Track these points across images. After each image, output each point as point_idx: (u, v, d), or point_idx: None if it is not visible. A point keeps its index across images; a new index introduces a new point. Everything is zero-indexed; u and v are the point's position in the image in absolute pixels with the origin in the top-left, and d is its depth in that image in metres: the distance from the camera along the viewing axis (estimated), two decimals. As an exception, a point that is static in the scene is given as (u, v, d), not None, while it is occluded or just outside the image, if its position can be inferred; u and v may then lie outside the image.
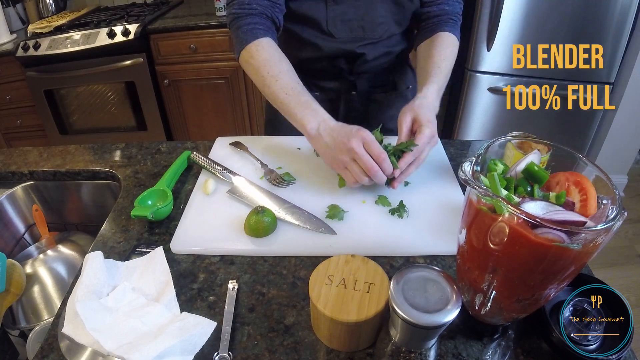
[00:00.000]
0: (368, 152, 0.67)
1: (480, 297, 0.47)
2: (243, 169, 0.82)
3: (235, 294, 0.57)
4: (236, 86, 2.17)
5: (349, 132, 0.68)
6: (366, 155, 0.66)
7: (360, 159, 0.66)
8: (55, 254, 0.83)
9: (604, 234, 0.37)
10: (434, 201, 0.72)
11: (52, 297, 0.77)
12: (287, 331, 0.53)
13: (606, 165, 0.44)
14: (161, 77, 2.13)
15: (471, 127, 2.00)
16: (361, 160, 0.66)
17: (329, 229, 0.66)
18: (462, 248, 0.46)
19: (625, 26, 1.66)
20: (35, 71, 2.03)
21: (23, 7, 2.33)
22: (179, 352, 0.49)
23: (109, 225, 0.72)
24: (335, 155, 0.69)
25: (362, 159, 0.66)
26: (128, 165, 0.87)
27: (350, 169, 0.69)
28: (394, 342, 0.44)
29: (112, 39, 1.95)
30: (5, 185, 0.89)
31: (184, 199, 0.76)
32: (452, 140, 0.92)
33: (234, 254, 0.64)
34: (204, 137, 2.27)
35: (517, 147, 0.61)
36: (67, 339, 0.51)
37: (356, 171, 0.68)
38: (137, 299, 0.56)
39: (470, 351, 0.50)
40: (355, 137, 0.67)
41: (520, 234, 0.37)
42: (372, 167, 0.66)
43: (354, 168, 0.68)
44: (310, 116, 0.72)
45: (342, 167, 0.70)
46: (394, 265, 0.62)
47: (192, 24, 2.01)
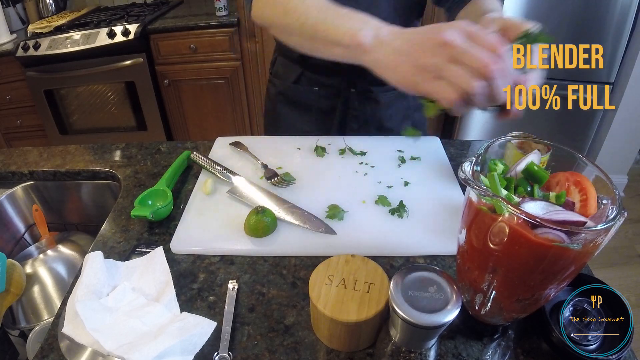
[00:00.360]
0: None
1: (480, 297, 0.47)
2: (243, 169, 0.82)
3: (235, 294, 0.57)
4: (236, 86, 2.17)
5: (434, 27, 0.46)
6: (476, 46, 0.43)
7: (466, 52, 0.43)
8: (55, 254, 0.83)
9: (604, 234, 0.37)
10: (434, 201, 0.72)
11: (52, 297, 0.77)
12: (287, 331, 0.53)
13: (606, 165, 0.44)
14: (161, 77, 2.13)
15: (471, 127, 2.00)
16: (469, 54, 0.42)
17: (329, 229, 0.66)
18: (462, 248, 0.46)
19: (625, 26, 1.66)
20: (35, 71, 2.03)
21: (23, 7, 2.33)
22: (179, 352, 0.49)
23: (109, 225, 0.72)
24: (418, 59, 0.46)
25: (471, 51, 0.42)
26: (128, 165, 0.87)
27: (450, 75, 0.43)
28: (394, 342, 0.44)
29: (112, 39, 1.95)
30: (5, 185, 0.89)
31: (184, 199, 0.76)
32: (452, 140, 0.92)
33: (234, 254, 0.64)
34: (204, 137, 2.27)
35: (517, 147, 0.61)
36: (67, 339, 0.51)
37: (461, 75, 0.42)
38: (137, 299, 0.56)
39: (470, 351, 0.50)
40: (450, 27, 0.44)
41: (520, 234, 0.37)
42: (489, 61, 0.41)
43: (457, 71, 0.43)
44: (359, 24, 0.52)
45: (433, 77, 0.45)
46: (394, 265, 0.62)
47: (192, 24, 2.01)
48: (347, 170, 0.81)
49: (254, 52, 2.08)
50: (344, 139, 0.89)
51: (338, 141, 0.88)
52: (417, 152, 0.85)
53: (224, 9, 2.04)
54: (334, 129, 0.97)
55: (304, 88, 0.96)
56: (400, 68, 0.47)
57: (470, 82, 0.42)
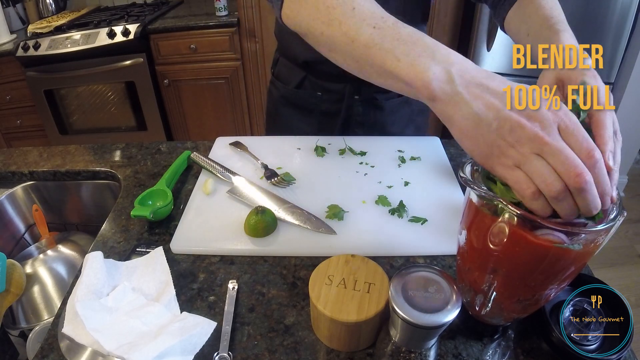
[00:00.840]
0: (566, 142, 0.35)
1: (480, 298, 0.47)
2: (243, 169, 0.82)
3: (235, 294, 0.57)
4: (236, 86, 2.17)
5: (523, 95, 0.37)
6: (567, 149, 0.35)
7: (558, 152, 0.35)
8: (55, 254, 0.83)
9: (604, 234, 0.37)
10: (434, 201, 0.72)
11: (52, 297, 0.77)
12: (287, 331, 0.53)
13: (606, 165, 0.44)
14: (161, 77, 2.13)
15: (471, 127, 2.00)
16: (560, 156, 0.35)
17: (329, 229, 0.66)
18: (462, 249, 0.46)
19: (625, 26, 1.66)
20: (35, 71, 2.03)
21: (23, 7, 2.33)
22: (179, 352, 0.49)
23: (109, 225, 0.72)
24: (499, 141, 0.37)
25: (563, 153, 0.35)
26: (128, 165, 0.87)
27: (532, 170, 0.36)
28: (394, 342, 0.44)
29: (112, 39, 1.95)
30: (5, 185, 0.89)
31: (184, 199, 0.76)
32: (452, 140, 0.92)
33: (234, 254, 0.64)
34: (204, 137, 2.26)
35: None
36: (67, 339, 0.51)
37: (543, 173, 0.35)
38: (137, 299, 0.56)
39: (470, 351, 0.50)
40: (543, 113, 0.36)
41: (520, 235, 0.37)
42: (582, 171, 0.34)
43: (539, 168, 0.35)
44: (426, 57, 0.40)
45: (509, 166, 0.37)
46: (394, 265, 0.62)
47: (192, 24, 2.01)
48: (347, 170, 0.81)
49: (254, 52, 2.08)
50: (344, 139, 0.88)
51: (338, 141, 0.88)
52: (417, 152, 0.85)
53: (224, 9, 2.04)
54: (337, 132, 0.96)
55: (307, 92, 0.95)
56: (476, 140, 0.38)
57: (552, 181, 0.35)
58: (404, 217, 0.69)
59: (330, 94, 0.93)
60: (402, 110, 0.96)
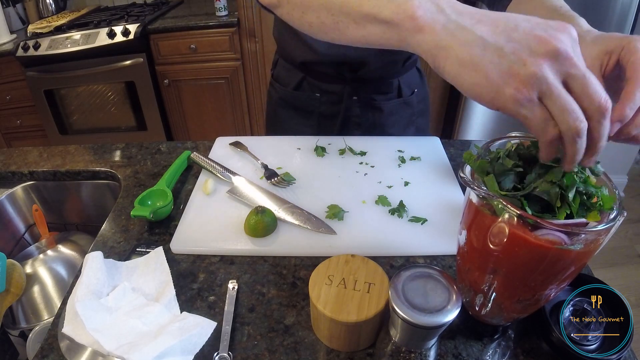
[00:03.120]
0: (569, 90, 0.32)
1: (480, 298, 0.47)
2: (243, 169, 0.82)
3: (235, 294, 0.58)
4: (236, 86, 2.17)
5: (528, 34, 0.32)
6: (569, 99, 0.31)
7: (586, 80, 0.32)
8: (55, 254, 0.83)
9: (604, 234, 0.37)
10: (434, 201, 0.72)
11: (52, 297, 0.77)
12: (287, 331, 0.53)
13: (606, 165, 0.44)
14: (161, 77, 2.13)
15: (471, 127, 2.00)
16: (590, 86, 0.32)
17: (329, 229, 0.66)
18: (462, 249, 0.46)
19: (625, 26, 1.66)
20: (35, 71, 2.03)
21: (23, 7, 2.33)
22: (179, 352, 0.49)
23: (109, 225, 0.72)
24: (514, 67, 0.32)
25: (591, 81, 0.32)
26: (128, 165, 0.87)
27: (559, 103, 0.32)
28: (394, 342, 0.44)
29: (112, 39, 1.95)
30: (5, 185, 0.89)
31: (184, 199, 0.76)
32: (452, 140, 0.92)
33: (234, 254, 0.64)
34: (204, 137, 2.27)
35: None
36: (67, 339, 0.51)
37: (574, 110, 0.32)
38: (137, 299, 0.56)
39: (470, 351, 0.50)
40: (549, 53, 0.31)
41: (519, 236, 0.37)
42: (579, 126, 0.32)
43: (569, 102, 0.32)
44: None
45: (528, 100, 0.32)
46: (394, 265, 0.62)
47: (192, 24, 2.01)
48: (347, 170, 0.81)
49: (254, 52, 2.08)
50: (344, 139, 0.88)
51: (338, 141, 0.88)
52: (417, 152, 0.85)
53: (224, 9, 2.04)
54: (336, 134, 0.96)
55: (306, 94, 0.95)
56: (482, 69, 0.32)
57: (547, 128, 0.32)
58: (404, 217, 0.69)
59: (329, 95, 0.94)
60: (401, 112, 0.96)
